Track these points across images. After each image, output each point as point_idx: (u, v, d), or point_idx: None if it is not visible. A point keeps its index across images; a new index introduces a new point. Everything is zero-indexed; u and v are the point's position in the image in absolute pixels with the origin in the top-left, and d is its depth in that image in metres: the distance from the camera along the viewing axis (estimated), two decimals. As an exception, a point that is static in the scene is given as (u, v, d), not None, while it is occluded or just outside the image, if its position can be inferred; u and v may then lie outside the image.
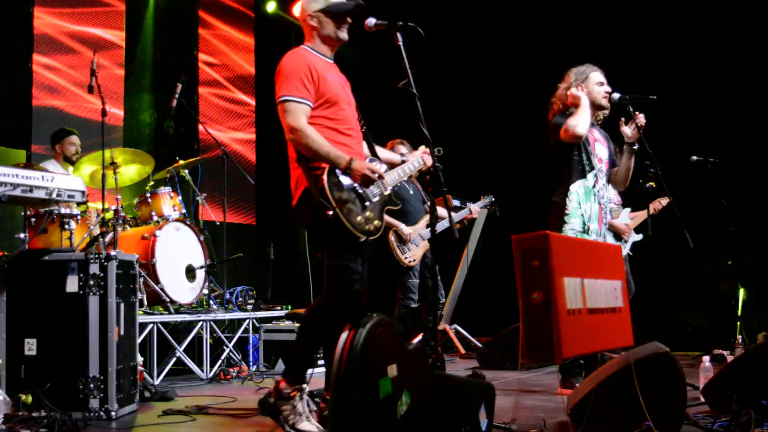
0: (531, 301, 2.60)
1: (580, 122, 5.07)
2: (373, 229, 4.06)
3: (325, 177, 3.97)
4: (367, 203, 4.08)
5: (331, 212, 3.90)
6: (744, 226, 7.29)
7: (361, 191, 4.07)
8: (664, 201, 7.48)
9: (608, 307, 3.13)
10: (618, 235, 7.05)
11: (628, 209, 7.38)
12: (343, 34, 4.27)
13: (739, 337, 6.99)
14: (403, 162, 4.56)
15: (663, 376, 3.50)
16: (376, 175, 4.03)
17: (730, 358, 6.84)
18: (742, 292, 7.33)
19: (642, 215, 7.33)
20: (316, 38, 4.28)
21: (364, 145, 4.45)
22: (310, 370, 4.10)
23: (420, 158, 4.54)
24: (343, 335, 2.63)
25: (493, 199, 8.11)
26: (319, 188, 3.94)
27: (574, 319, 2.70)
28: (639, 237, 7.13)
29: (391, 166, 4.50)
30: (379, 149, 4.52)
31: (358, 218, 3.99)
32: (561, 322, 2.57)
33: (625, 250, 6.98)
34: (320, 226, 3.98)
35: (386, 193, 4.24)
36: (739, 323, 7.16)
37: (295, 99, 4.04)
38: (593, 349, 3.15)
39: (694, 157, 7.25)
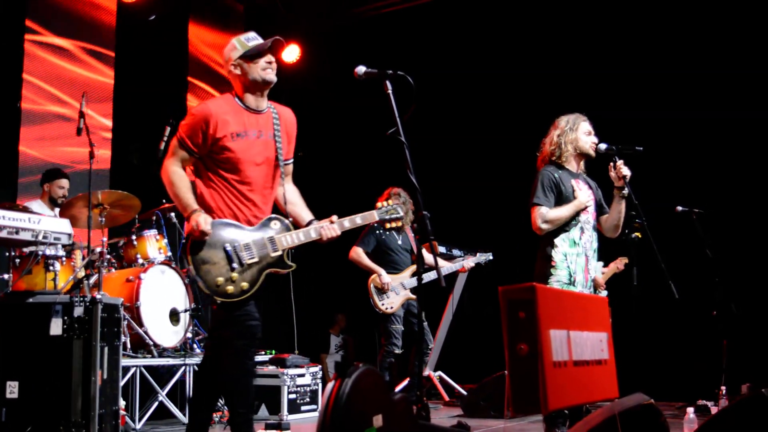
0: (517, 352, 2.60)
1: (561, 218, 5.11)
2: (234, 291, 4.01)
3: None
4: (235, 265, 4.03)
5: (187, 270, 3.94)
6: (728, 276, 7.32)
7: (230, 252, 4.04)
8: (622, 263, 7.51)
9: (594, 359, 3.13)
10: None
11: (600, 263, 7.35)
12: (269, 76, 4.26)
13: (723, 387, 6.98)
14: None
15: (647, 428, 3.49)
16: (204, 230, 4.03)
17: (714, 409, 6.84)
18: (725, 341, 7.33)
19: (612, 269, 7.34)
20: (242, 87, 4.30)
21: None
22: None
23: (318, 228, 4.32)
24: (330, 385, 2.62)
25: (491, 258, 8.11)
26: (183, 247, 4.00)
27: (559, 371, 2.71)
28: (605, 293, 7.04)
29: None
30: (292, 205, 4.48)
31: (218, 279, 3.98)
32: (547, 375, 2.57)
33: None
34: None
35: (273, 254, 4.17)
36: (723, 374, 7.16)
37: (181, 142, 4.19)
38: (579, 401, 3.14)
39: (680, 207, 7.31)
